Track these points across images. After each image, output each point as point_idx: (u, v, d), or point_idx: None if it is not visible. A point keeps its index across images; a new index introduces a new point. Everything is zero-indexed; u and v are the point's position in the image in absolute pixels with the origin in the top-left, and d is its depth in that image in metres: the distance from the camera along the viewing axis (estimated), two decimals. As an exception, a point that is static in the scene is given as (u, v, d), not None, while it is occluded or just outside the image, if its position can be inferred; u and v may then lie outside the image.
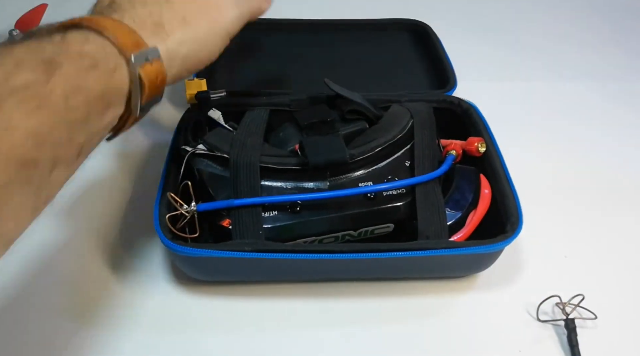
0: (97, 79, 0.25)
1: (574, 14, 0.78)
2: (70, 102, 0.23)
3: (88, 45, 0.26)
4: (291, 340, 0.37)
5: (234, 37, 0.38)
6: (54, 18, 0.29)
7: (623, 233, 0.45)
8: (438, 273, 0.40)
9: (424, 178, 0.38)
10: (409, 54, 0.63)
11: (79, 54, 0.25)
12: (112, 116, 0.27)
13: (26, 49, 0.23)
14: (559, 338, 0.37)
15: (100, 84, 0.25)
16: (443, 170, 0.39)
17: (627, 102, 0.61)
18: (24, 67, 0.22)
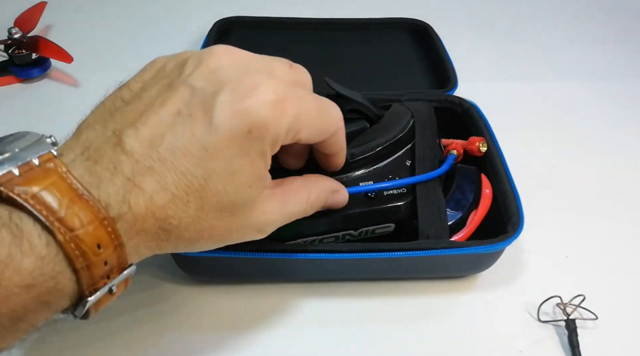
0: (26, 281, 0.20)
1: (575, 13, 0.78)
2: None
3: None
4: (291, 340, 0.37)
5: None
6: (53, 17, 0.28)
7: (624, 234, 0.45)
8: (438, 273, 0.40)
9: (425, 176, 0.38)
10: (410, 53, 0.63)
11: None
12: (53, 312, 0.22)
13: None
14: (559, 339, 0.37)
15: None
16: (444, 169, 0.39)
17: (628, 102, 0.60)
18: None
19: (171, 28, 0.70)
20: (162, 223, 0.24)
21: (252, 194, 0.26)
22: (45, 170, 0.21)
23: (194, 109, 0.25)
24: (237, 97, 0.25)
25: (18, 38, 0.59)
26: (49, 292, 0.21)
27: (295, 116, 0.26)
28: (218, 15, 0.64)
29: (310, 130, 0.28)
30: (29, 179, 0.21)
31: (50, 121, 0.55)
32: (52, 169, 0.22)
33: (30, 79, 0.60)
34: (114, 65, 0.63)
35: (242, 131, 0.24)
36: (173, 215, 0.24)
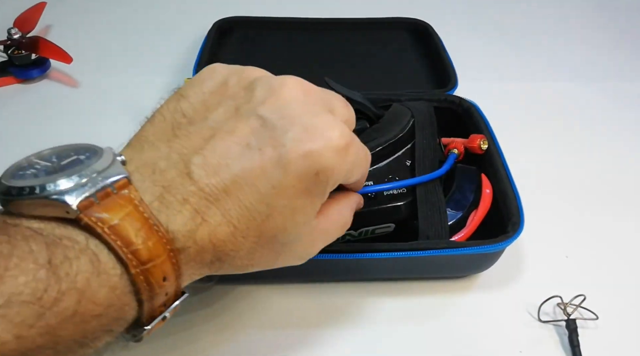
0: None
1: (575, 13, 0.78)
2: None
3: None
4: (291, 340, 0.37)
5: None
6: (53, 17, 0.28)
7: (625, 233, 0.45)
8: (439, 273, 0.40)
9: (426, 177, 0.38)
10: (410, 52, 0.63)
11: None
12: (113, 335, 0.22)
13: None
14: (560, 339, 0.37)
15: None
16: (445, 169, 0.39)
17: (628, 102, 0.60)
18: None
19: (171, 28, 0.70)
20: (220, 254, 0.24)
21: (306, 230, 0.27)
22: (121, 198, 0.21)
23: (263, 143, 0.24)
24: (307, 137, 0.24)
25: (17, 38, 0.59)
26: (115, 321, 0.21)
27: (352, 162, 0.27)
28: (218, 15, 0.64)
29: (357, 175, 0.29)
30: (107, 207, 0.21)
31: (50, 122, 0.55)
32: (127, 197, 0.21)
33: (29, 80, 0.60)
34: (113, 65, 0.63)
35: (310, 173, 0.25)
36: (232, 248, 0.24)
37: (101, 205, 0.21)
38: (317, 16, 0.66)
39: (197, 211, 0.23)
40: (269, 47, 0.63)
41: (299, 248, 0.28)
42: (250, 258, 0.25)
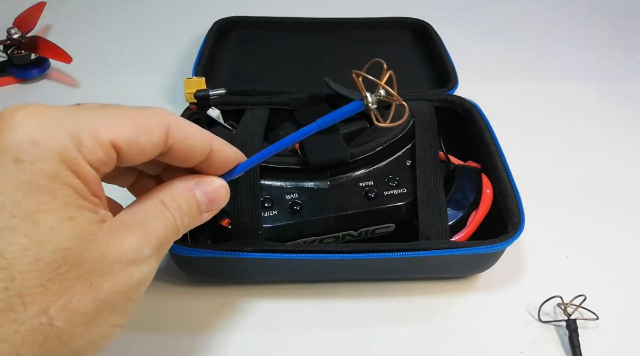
0: None
1: (575, 13, 0.78)
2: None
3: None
4: (291, 341, 0.36)
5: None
6: (53, 17, 0.28)
7: (625, 233, 0.45)
8: (439, 273, 0.40)
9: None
10: (410, 52, 0.63)
11: None
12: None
13: None
14: (560, 339, 0.37)
15: None
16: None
17: (628, 102, 0.60)
18: None
19: (171, 28, 0.70)
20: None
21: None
22: None
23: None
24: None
25: (17, 38, 0.59)
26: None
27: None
28: (218, 15, 0.64)
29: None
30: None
31: (49, 121, 0.55)
32: None
33: (29, 80, 0.60)
34: (113, 65, 0.63)
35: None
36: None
37: None
38: (317, 16, 0.66)
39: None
40: (269, 47, 0.63)
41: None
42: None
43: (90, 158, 0.20)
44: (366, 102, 0.22)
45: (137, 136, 0.22)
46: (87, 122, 0.20)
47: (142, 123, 0.22)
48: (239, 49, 0.62)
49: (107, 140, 0.21)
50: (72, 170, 0.20)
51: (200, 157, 0.25)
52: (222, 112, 0.45)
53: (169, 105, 0.57)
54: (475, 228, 0.39)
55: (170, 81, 0.60)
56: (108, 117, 0.21)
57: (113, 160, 0.21)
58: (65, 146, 0.19)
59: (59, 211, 0.19)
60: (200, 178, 0.25)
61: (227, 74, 0.58)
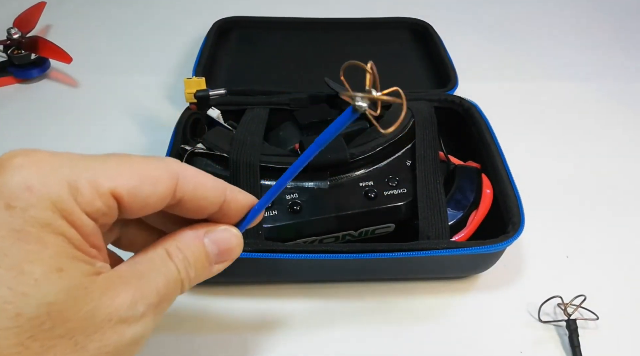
0: None
1: (575, 13, 0.78)
2: None
3: None
4: (290, 341, 0.36)
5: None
6: (53, 17, 0.28)
7: (625, 233, 0.45)
8: (439, 273, 0.40)
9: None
10: (410, 52, 0.63)
11: None
12: None
13: None
14: (560, 339, 0.37)
15: None
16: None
17: (628, 102, 0.60)
18: None
19: (171, 28, 0.70)
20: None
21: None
22: None
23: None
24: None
25: (17, 38, 0.59)
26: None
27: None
28: (218, 15, 0.64)
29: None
30: None
31: (49, 122, 0.55)
32: None
33: (29, 80, 0.60)
34: (113, 65, 0.63)
35: None
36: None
37: None
38: (317, 16, 0.66)
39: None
40: (269, 47, 0.63)
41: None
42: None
43: (88, 208, 0.19)
44: (359, 108, 0.21)
45: (139, 187, 0.20)
46: (87, 170, 0.19)
47: (147, 173, 0.21)
48: (239, 49, 0.62)
49: (107, 190, 0.19)
50: (67, 219, 0.18)
51: (213, 208, 0.23)
52: (222, 112, 0.45)
53: (169, 105, 0.57)
54: (475, 228, 0.39)
55: (170, 81, 0.60)
56: (110, 166, 0.20)
57: (114, 211, 0.20)
58: (60, 194, 0.18)
59: (48, 261, 0.18)
60: (211, 226, 0.23)
61: (227, 74, 0.58)
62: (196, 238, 0.23)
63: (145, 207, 0.21)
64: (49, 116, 0.55)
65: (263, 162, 0.37)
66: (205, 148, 0.39)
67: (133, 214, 0.21)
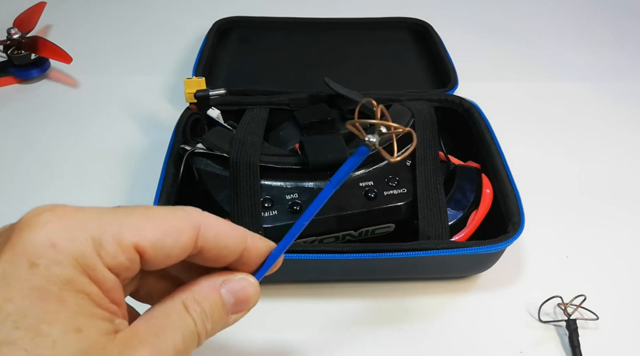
0: None
1: (575, 13, 0.78)
2: None
3: None
4: (290, 341, 0.36)
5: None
6: (53, 17, 0.28)
7: (625, 233, 0.45)
8: (439, 273, 0.40)
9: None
10: (410, 52, 0.63)
11: None
12: None
13: None
14: (560, 339, 0.37)
15: None
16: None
17: (628, 102, 0.60)
18: None
19: (171, 28, 0.70)
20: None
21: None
22: None
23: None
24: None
25: (17, 38, 0.59)
26: None
27: None
28: (218, 15, 0.64)
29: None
30: None
31: (49, 122, 0.55)
32: None
33: (29, 80, 0.60)
34: (113, 65, 0.63)
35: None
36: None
37: None
38: (317, 16, 0.66)
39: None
40: (268, 47, 0.63)
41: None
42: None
43: (111, 262, 0.19)
44: (371, 144, 0.21)
45: (163, 239, 0.20)
46: (111, 224, 0.19)
47: (170, 225, 0.20)
48: (239, 49, 0.62)
49: (130, 244, 0.19)
50: (89, 275, 0.18)
51: (233, 256, 0.23)
52: (222, 112, 0.45)
53: (169, 105, 0.57)
54: (475, 228, 0.39)
55: (170, 81, 0.60)
56: (134, 219, 0.20)
57: (136, 264, 0.20)
58: (84, 250, 0.18)
59: (66, 321, 0.18)
60: (228, 275, 0.23)
61: (227, 74, 0.58)
62: (213, 289, 0.22)
63: (167, 259, 0.20)
64: (49, 116, 0.55)
65: (263, 162, 0.37)
66: (205, 148, 0.39)
67: (155, 267, 0.21)
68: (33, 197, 0.46)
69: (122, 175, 0.48)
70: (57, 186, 0.47)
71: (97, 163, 0.49)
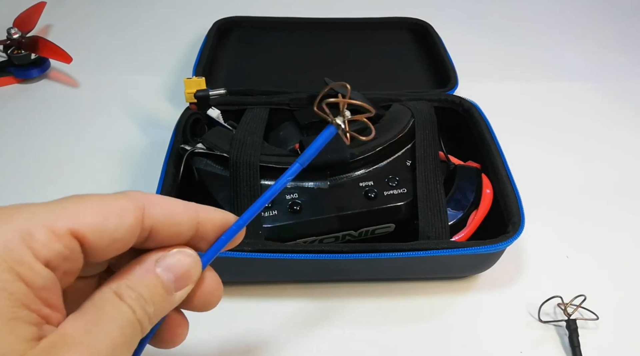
0: None
1: (575, 13, 0.78)
2: None
3: None
4: (290, 341, 0.36)
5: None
6: (53, 17, 0.28)
7: (625, 233, 0.45)
8: (439, 273, 0.40)
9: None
10: (410, 52, 0.63)
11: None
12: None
13: None
14: (560, 339, 0.37)
15: None
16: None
17: (628, 102, 0.60)
18: None
19: (171, 28, 0.70)
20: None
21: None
22: None
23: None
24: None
25: (17, 38, 0.59)
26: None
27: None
28: (218, 15, 0.64)
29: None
30: None
31: (49, 122, 0.55)
32: None
33: (29, 80, 0.60)
34: (113, 65, 0.63)
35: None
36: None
37: None
38: (317, 16, 0.66)
39: None
40: (268, 47, 0.63)
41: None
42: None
43: (45, 253, 0.17)
44: (336, 125, 0.22)
45: (103, 222, 0.18)
46: (43, 214, 0.18)
47: (109, 206, 0.19)
48: (239, 49, 0.62)
49: (66, 229, 0.17)
50: (16, 271, 0.16)
51: (188, 232, 0.21)
52: (222, 112, 0.45)
53: (169, 105, 0.57)
54: (475, 228, 0.39)
55: (170, 81, 0.60)
56: (68, 206, 0.18)
57: (77, 253, 0.18)
58: (10, 243, 0.16)
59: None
60: (160, 252, 0.21)
61: (227, 74, 0.58)
62: (147, 270, 0.20)
63: (112, 244, 0.19)
64: (49, 116, 0.55)
65: (263, 162, 0.37)
66: (205, 148, 0.39)
67: (101, 255, 0.19)
68: (33, 197, 0.46)
69: (122, 175, 0.48)
70: (57, 186, 0.47)
71: (97, 163, 0.49)
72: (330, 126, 0.23)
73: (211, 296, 0.24)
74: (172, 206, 0.21)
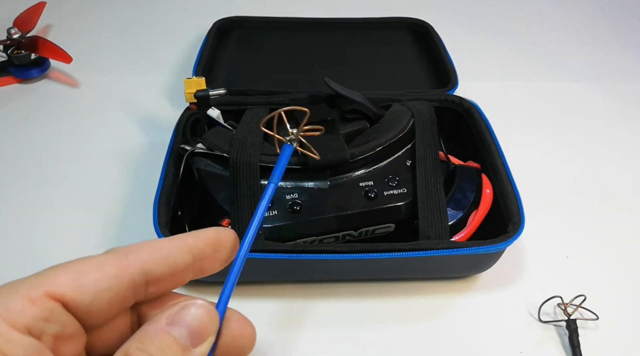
0: None
1: (575, 13, 0.78)
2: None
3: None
4: (290, 341, 0.36)
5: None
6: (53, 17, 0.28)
7: (625, 233, 0.45)
8: (439, 273, 0.40)
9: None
10: (410, 52, 0.63)
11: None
12: None
13: None
14: (560, 339, 0.37)
15: None
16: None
17: (628, 102, 0.60)
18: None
19: (171, 28, 0.70)
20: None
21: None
22: None
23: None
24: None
25: (17, 38, 0.59)
26: None
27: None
28: (218, 15, 0.64)
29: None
30: None
31: (49, 122, 0.55)
32: None
33: (29, 80, 0.60)
34: (113, 65, 0.63)
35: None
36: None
37: None
38: (317, 16, 0.66)
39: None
40: (268, 47, 0.63)
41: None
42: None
43: (22, 320, 0.16)
44: (291, 141, 0.27)
45: (78, 276, 0.18)
46: (20, 286, 0.17)
47: (86, 263, 0.18)
48: (239, 49, 0.62)
49: (40, 293, 0.17)
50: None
51: (185, 262, 0.20)
52: (222, 112, 0.45)
53: (169, 105, 0.57)
54: (475, 228, 0.39)
55: (170, 81, 0.60)
56: (44, 273, 0.18)
57: (59, 314, 0.17)
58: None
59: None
60: (171, 309, 0.20)
61: (227, 74, 0.58)
62: (159, 331, 0.19)
63: (100, 297, 0.18)
64: (49, 116, 0.55)
65: (263, 162, 0.37)
66: (205, 148, 0.39)
67: (96, 312, 0.18)
68: (33, 197, 0.46)
69: (122, 175, 0.48)
70: (57, 186, 0.47)
71: (97, 163, 0.49)
72: (286, 145, 0.27)
73: (242, 339, 0.23)
74: (156, 244, 0.20)
